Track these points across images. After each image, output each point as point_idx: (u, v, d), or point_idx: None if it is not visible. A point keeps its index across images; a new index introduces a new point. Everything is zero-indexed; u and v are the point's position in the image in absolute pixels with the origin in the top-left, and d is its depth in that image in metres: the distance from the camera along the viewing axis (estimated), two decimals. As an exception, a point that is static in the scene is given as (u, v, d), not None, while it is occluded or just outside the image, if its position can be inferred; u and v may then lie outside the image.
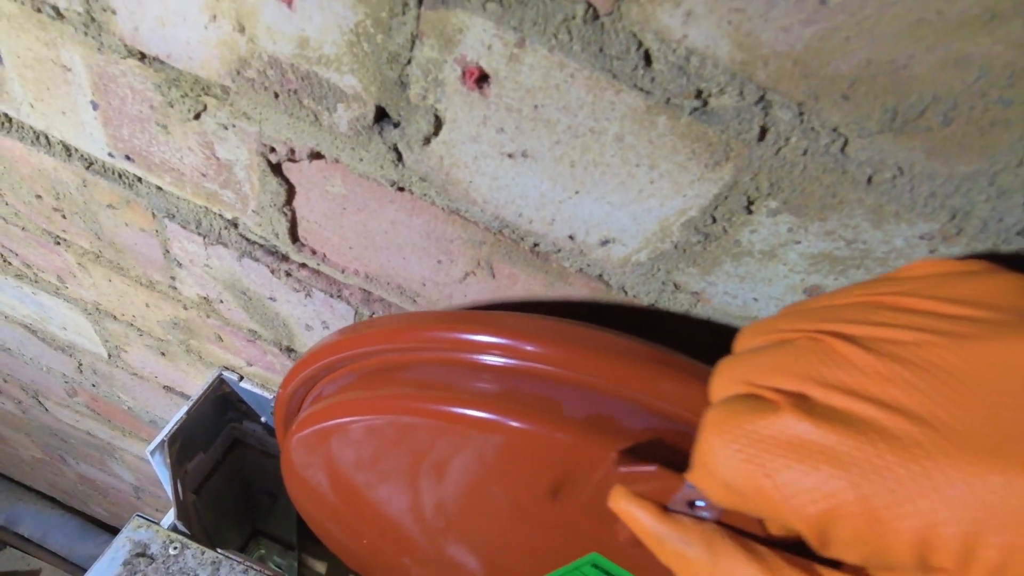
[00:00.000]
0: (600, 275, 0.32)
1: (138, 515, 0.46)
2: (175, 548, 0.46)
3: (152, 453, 0.48)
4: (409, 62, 0.26)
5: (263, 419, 0.59)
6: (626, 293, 0.32)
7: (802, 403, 0.18)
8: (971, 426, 0.16)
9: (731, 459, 0.19)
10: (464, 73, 0.26)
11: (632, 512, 0.23)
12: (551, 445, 0.26)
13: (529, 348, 0.27)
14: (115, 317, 0.56)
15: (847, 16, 0.20)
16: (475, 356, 0.28)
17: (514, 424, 0.26)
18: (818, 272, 0.27)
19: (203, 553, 0.46)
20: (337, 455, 0.33)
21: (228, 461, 0.65)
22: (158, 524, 0.47)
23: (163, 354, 0.58)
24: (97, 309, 0.56)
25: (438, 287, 0.37)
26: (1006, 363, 0.16)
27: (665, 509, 0.22)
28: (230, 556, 0.46)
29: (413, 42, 0.25)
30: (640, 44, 0.22)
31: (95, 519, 1.48)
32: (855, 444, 0.17)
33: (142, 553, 0.45)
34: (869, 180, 0.23)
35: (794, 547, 0.21)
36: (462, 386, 0.28)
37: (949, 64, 0.20)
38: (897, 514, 0.16)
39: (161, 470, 0.50)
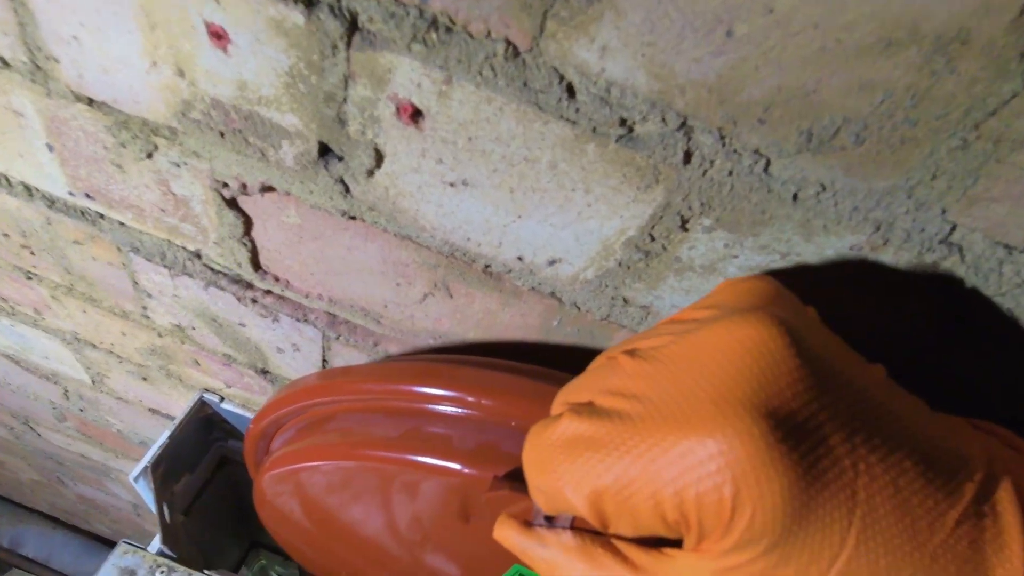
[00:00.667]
0: (552, 292, 0.32)
1: (124, 541, 0.48)
2: (161, 572, 0.47)
3: (136, 480, 0.49)
4: (345, 100, 0.27)
5: (248, 438, 0.60)
6: (579, 308, 0.33)
7: (581, 408, 0.21)
8: (673, 403, 0.19)
9: (532, 467, 0.21)
10: (398, 109, 0.26)
11: (502, 532, 0.25)
12: (446, 475, 0.29)
13: (428, 391, 0.31)
14: (94, 345, 0.57)
15: (753, 47, 0.20)
16: (391, 403, 0.32)
17: (410, 458, 0.30)
18: (757, 284, 0.28)
19: (190, 575, 0.47)
20: (303, 492, 0.36)
21: (218, 479, 0.67)
22: (144, 549, 0.48)
23: (144, 379, 0.59)
24: (76, 338, 0.57)
25: (399, 308, 0.38)
26: (703, 346, 0.19)
27: (528, 525, 0.24)
28: (214, 574, 0.48)
29: (346, 82, 0.26)
30: (562, 78, 0.23)
31: (98, 536, 1.50)
32: (608, 431, 0.19)
33: (130, 579, 0.46)
34: (795, 197, 0.24)
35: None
36: (374, 431, 0.32)
37: (854, 88, 0.20)
38: (634, 486, 0.19)
39: (146, 495, 0.51)
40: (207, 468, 0.64)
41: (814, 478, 0.17)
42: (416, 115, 0.26)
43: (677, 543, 0.21)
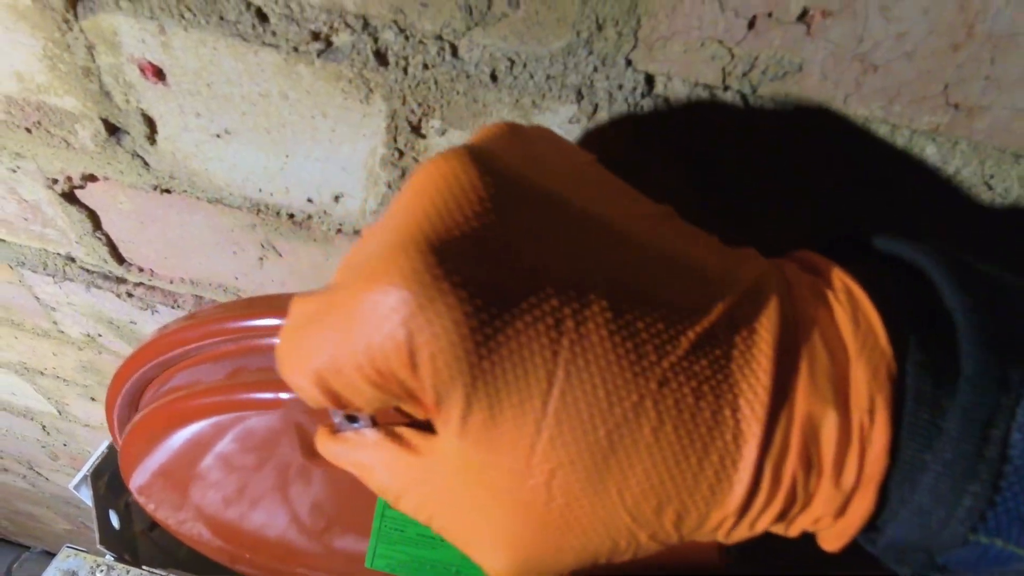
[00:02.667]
0: (355, 231, 0.34)
1: (67, 546, 0.51)
2: (101, 571, 0.50)
3: (77, 487, 0.53)
4: (99, 73, 0.29)
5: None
6: (384, 243, 0.34)
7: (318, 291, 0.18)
8: (367, 258, 0.16)
9: (282, 365, 0.18)
10: (142, 70, 0.28)
11: (321, 446, 0.23)
12: (276, 406, 0.28)
13: (242, 324, 0.28)
14: (41, 372, 0.62)
15: (376, -70, 0.21)
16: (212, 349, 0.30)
17: (239, 397, 0.28)
18: (514, 180, 0.28)
19: (128, 572, 0.50)
20: (165, 474, 0.34)
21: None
22: (86, 552, 0.51)
23: (93, 399, 0.64)
24: (25, 368, 0.62)
25: (247, 277, 0.40)
26: (404, 191, 0.17)
27: (333, 433, 0.23)
28: (154, 571, 0.50)
29: (91, 53, 0.28)
30: (249, 3, 0.25)
31: (145, 581, 1.59)
32: (322, 304, 0.17)
33: (71, 580, 0.49)
34: (492, 77, 0.25)
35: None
36: (201, 381, 0.31)
37: (482, -49, 0.21)
38: (341, 359, 0.16)
39: (88, 501, 0.54)
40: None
41: (498, 308, 0.15)
42: (159, 73, 0.28)
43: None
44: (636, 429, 0.16)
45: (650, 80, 0.24)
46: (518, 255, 0.16)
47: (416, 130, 0.27)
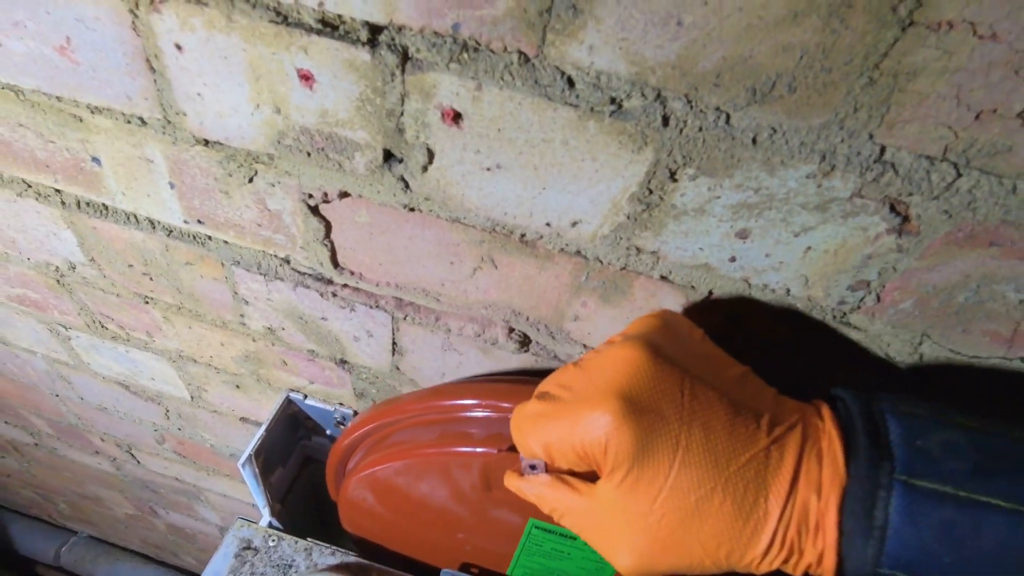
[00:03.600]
0: (578, 251, 0.41)
1: (240, 517, 0.57)
2: (273, 540, 0.56)
3: (243, 466, 0.59)
4: (402, 114, 0.36)
5: (328, 432, 0.70)
6: (601, 262, 0.41)
7: (542, 395, 0.35)
8: (585, 391, 0.33)
9: (515, 432, 0.36)
10: (443, 115, 0.35)
11: (509, 481, 0.38)
12: (471, 457, 0.44)
13: (452, 403, 0.46)
14: (195, 360, 0.68)
15: (698, 31, 0.28)
16: (427, 417, 0.48)
17: (447, 450, 0.45)
18: (741, 218, 0.35)
19: (296, 542, 0.56)
20: (378, 488, 0.51)
21: (303, 477, 0.76)
22: (257, 523, 0.57)
23: (238, 387, 0.70)
24: (180, 356, 0.68)
25: (454, 284, 0.46)
26: (604, 358, 0.34)
27: (521, 474, 0.37)
28: (319, 543, 0.56)
29: (402, 99, 0.35)
30: (563, 73, 0.32)
31: (186, 570, 1.62)
32: (553, 408, 0.33)
33: (247, 547, 0.55)
34: (754, 141, 0.32)
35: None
36: (419, 437, 0.48)
37: (779, 50, 0.28)
38: (565, 440, 0.33)
39: (251, 481, 0.60)
40: (295, 464, 0.74)
41: (649, 431, 0.31)
42: (457, 117, 0.35)
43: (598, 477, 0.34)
44: (711, 502, 0.31)
45: (883, 150, 0.31)
46: (663, 407, 0.31)
47: (672, 175, 0.34)
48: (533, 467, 0.36)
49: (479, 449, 0.43)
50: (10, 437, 1.17)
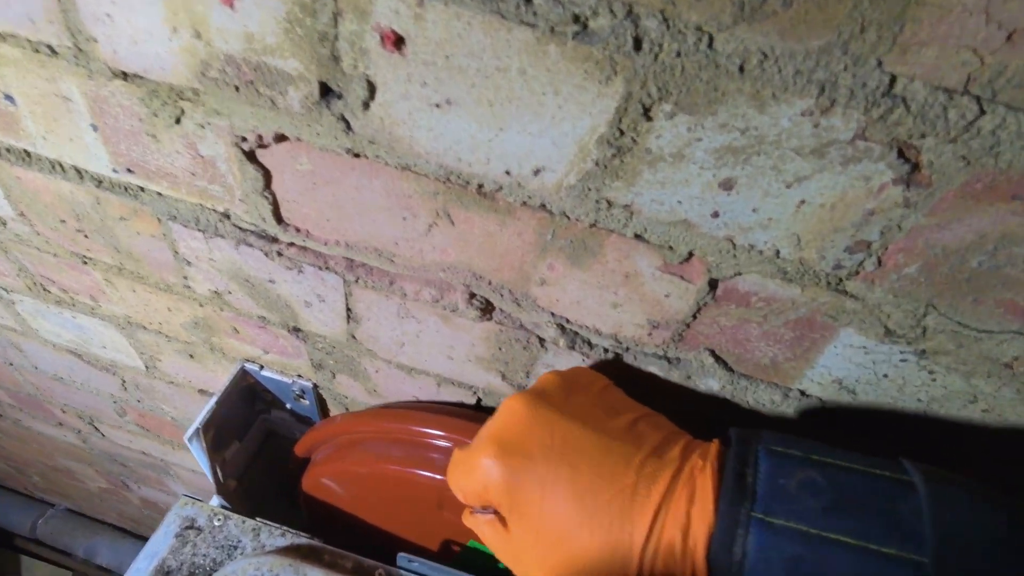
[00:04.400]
0: (542, 204, 0.36)
1: (184, 494, 0.53)
2: (219, 520, 0.52)
3: (189, 440, 0.55)
4: (336, 38, 0.31)
5: (288, 406, 0.66)
6: (568, 217, 0.36)
7: (462, 443, 0.40)
8: (477, 438, 0.37)
9: (449, 481, 0.38)
10: (383, 38, 0.31)
11: (465, 519, 0.40)
12: (431, 482, 0.50)
13: (424, 430, 0.51)
14: (144, 327, 0.64)
15: (675, -74, 0.24)
16: (400, 436, 0.52)
17: (411, 471, 0.50)
18: (726, 165, 0.31)
19: (244, 522, 0.52)
20: (341, 486, 0.56)
21: (265, 452, 0.72)
22: (203, 501, 0.53)
23: (191, 356, 0.66)
24: (128, 322, 0.64)
25: (408, 243, 0.42)
26: (499, 407, 0.38)
27: (472, 513, 0.40)
28: (268, 523, 0.53)
29: (335, 19, 0.30)
30: (517, -16, 0.27)
31: (164, 545, 1.61)
32: (460, 455, 0.38)
33: (191, 526, 0.52)
34: (741, 69, 0.27)
35: None
36: (390, 453, 0.52)
37: (773, -49, 0.23)
38: (467, 487, 0.37)
39: (199, 456, 0.57)
40: (255, 439, 0.70)
41: (517, 471, 0.34)
42: (399, 42, 0.30)
43: None
44: (582, 535, 0.33)
45: (892, 81, 0.26)
46: (530, 448, 0.35)
47: (646, 112, 0.30)
48: (480, 509, 0.39)
49: (437, 476, 0.49)
50: (-27, 407, 1.14)
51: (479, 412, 0.54)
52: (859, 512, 0.29)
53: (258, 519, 0.53)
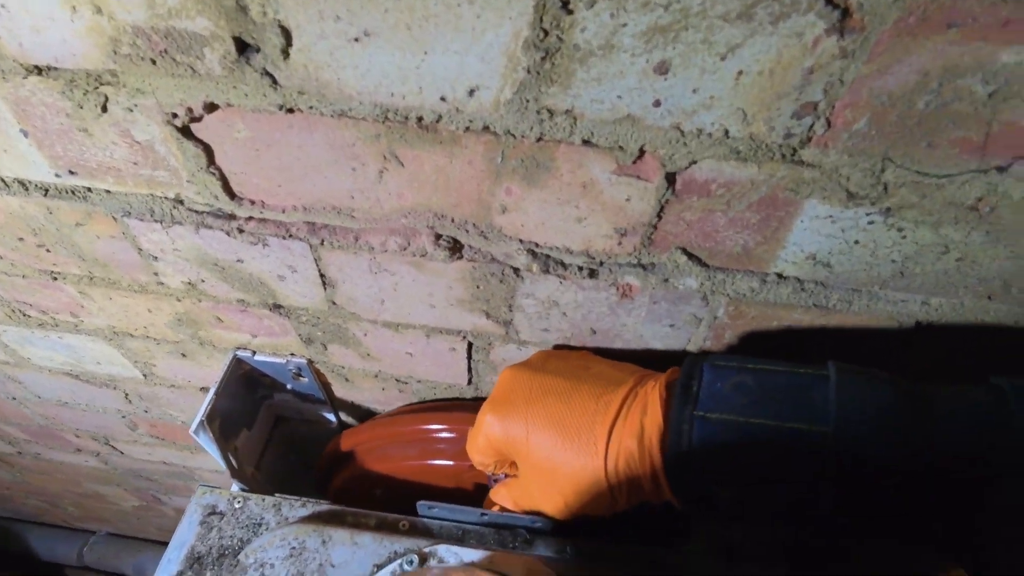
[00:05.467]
0: (485, 126, 0.35)
1: (201, 484, 0.55)
2: (239, 502, 0.54)
3: (196, 432, 0.56)
4: (238, -16, 0.30)
5: (288, 387, 0.67)
6: (514, 136, 0.36)
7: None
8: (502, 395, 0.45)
9: (469, 454, 0.48)
10: (284, -24, 0.30)
11: (492, 495, 0.50)
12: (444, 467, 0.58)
13: (427, 427, 0.59)
14: (131, 334, 0.64)
15: None
16: (407, 435, 0.61)
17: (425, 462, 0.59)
18: (656, 47, 0.30)
19: (263, 500, 0.54)
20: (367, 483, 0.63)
21: (276, 438, 0.74)
22: (220, 488, 0.55)
23: (184, 355, 0.66)
24: (114, 332, 0.64)
25: (363, 194, 0.41)
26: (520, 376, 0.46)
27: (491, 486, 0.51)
28: (287, 497, 0.54)
29: (231, -36, 0.29)
30: None
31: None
32: (472, 429, 0.47)
33: (212, 512, 0.53)
34: (650, -62, 0.26)
35: None
36: (406, 452, 0.60)
37: None
38: (477, 445, 0.46)
39: (209, 446, 0.58)
40: (264, 426, 0.71)
41: (505, 416, 0.43)
42: (301, -23, 0.29)
43: None
44: (563, 455, 0.41)
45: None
46: (514, 398, 0.44)
47: (565, 5, 0.29)
48: (495, 478, 0.50)
49: (449, 462, 0.58)
50: (-8, 449, 1.15)
51: (476, 402, 0.61)
52: (777, 401, 0.36)
53: (277, 495, 0.54)
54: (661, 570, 0.50)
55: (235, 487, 0.59)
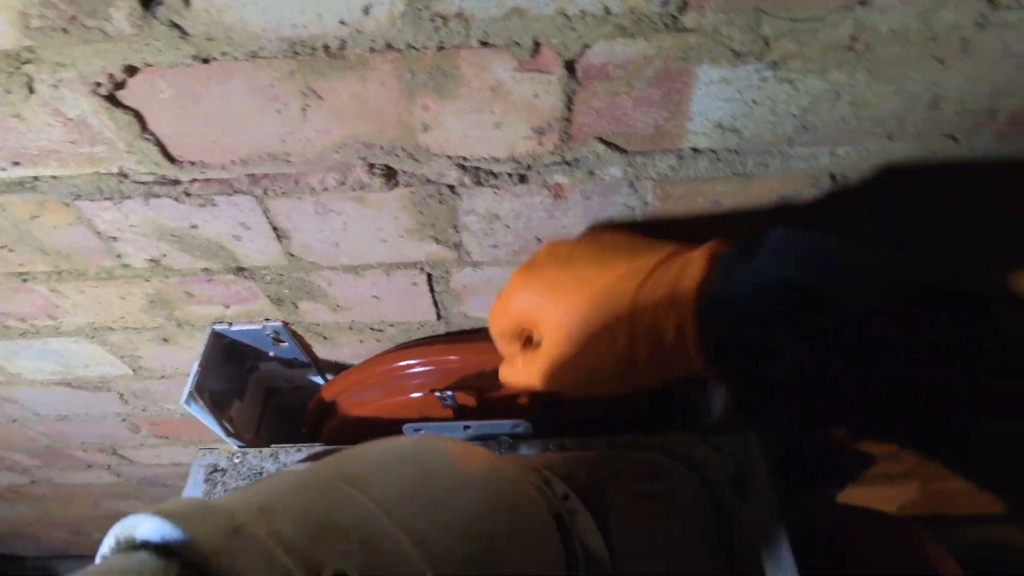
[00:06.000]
0: (387, 44, 0.38)
1: (200, 448, 0.58)
2: (238, 458, 0.57)
3: (187, 403, 0.59)
4: (125, -64, 0.32)
5: (271, 354, 0.70)
6: (416, 49, 0.38)
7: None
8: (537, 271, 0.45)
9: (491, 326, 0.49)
10: (166, -81, 0.32)
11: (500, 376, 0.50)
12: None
13: (401, 363, 0.62)
14: (111, 328, 0.67)
15: None
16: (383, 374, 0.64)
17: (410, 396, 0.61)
18: (522, -66, 0.33)
19: (261, 451, 0.57)
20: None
21: (271, 409, 0.77)
22: (217, 448, 0.58)
23: (165, 340, 0.69)
24: (94, 328, 0.67)
25: (293, 136, 0.44)
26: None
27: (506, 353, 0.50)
28: (283, 446, 0.58)
29: (115, -85, 0.31)
30: None
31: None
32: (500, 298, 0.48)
33: (214, 470, 0.57)
34: None
35: None
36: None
37: None
38: (501, 319, 0.47)
39: (203, 416, 0.61)
40: (256, 399, 0.74)
41: (533, 282, 0.44)
42: (182, -82, 0.32)
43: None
44: (592, 317, 0.40)
45: None
46: (547, 267, 0.44)
47: (428, -96, 0.31)
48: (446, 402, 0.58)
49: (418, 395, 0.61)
50: (6, 484, 1.18)
51: (449, 336, 0.66)
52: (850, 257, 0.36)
53: (273, 445, 0.58)
54: (645, 451, 0.53)
55: (233, 445, 0.62)
